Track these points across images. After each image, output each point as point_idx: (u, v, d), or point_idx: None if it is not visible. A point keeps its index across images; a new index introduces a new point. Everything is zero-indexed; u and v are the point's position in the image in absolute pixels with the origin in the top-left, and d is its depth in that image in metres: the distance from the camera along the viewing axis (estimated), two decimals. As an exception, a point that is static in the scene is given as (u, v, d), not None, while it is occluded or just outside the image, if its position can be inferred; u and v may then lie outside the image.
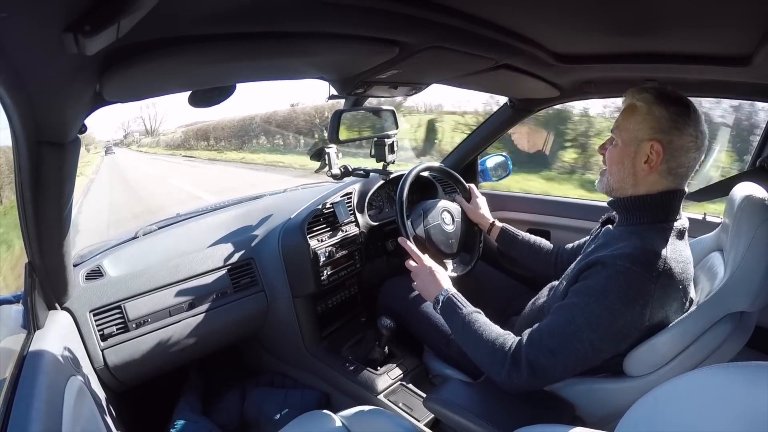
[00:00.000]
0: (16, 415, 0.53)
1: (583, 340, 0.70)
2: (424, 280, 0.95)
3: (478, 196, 1.31)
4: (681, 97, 0.75)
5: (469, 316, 0.84)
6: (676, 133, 0.72)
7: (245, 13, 0.52)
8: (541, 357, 0.72)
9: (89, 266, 1.04)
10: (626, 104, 0.78)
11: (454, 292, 0.90)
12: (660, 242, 0.72)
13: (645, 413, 0.45)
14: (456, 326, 0.86)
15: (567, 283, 0.80)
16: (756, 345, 0.84)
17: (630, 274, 0.69)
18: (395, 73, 0.89)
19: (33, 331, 0.75)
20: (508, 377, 0.74)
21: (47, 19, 0.37)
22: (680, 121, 0.72)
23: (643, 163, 0.75)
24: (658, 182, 0.76)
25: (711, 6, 0.62)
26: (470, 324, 0.83)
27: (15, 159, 0.58)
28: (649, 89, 0.76)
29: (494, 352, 0.77)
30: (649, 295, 0.68)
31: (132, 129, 41.26)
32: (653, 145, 0.73)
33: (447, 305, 0.89)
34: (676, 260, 0.71)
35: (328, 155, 1.26)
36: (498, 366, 0.76)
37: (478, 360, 0.81)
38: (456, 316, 0.86)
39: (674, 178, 0.75)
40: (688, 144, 0.73)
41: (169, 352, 1.06)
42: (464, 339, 0.83)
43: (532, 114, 1.53)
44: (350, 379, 1.17)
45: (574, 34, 0.84)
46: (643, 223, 0.76)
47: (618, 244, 0.74)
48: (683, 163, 0.74)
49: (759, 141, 1.09)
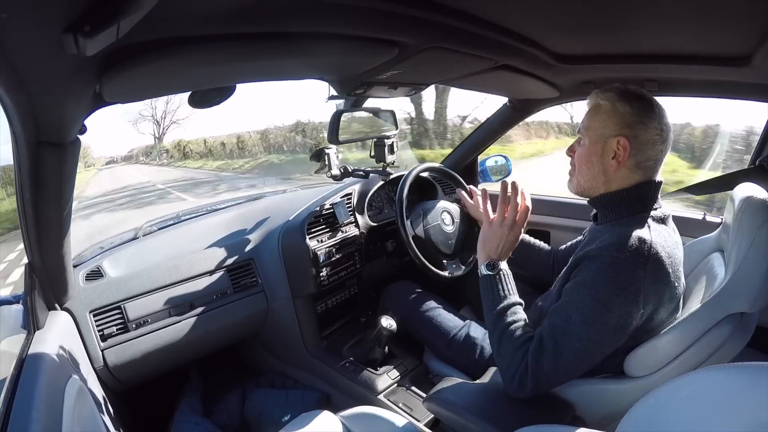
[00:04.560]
0: (16, 416, 0.53)
1: (581, 337, 0.70)
2: (490, 239, 0.90)
3: (479, 195, 1.30)
4: (643, 94, 0.77)
5: (510, 307, 0.81)
6: (641, 127, 0.74)
7: (245, 14, 0.52)
8: (545, 365, 0.72)
9: (89, 267, 1.04)
10: (591, 105, 0.80)
11: (508, 271, 0.86)
12: (643, 229, 0.72)
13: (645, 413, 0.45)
14: (491, 306, 0.83)
15: (559, 284, 0.80)
16: (756, 345, 0.84)
17: (617, 262, 0.69)
18: (395, 74, 0.89)
19: (33, 332, 0.75)
20: (518, 388, 0.74)
21: (47, 20, 0.37)
22: (644, 115, 0.74)
23: (611, 159, 0.76)
24: (628, 177, 0.77)
25: (710, 6, 0.62)
26: (506, 315, 0.80)
27: (15, 159, 0.58)
28: (612, 88, 0.78)
29: (513, 357, 0.75)
30: (639, 281, 0.68)
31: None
32: (620, 140, 0.75)
33: (495, 279, 0.85)
34: (662, 245, 0.71)
35: (327, 156, 1.26)
36: (512, 372, 0.75)
37: (495, 352, 0.80)
38: (497, 296, 0.83)
39: (644, 171, 0.76)
40: (654, 137, 0.74)
41: (169, 353, 1.06)
42: (494, 324, 0.81)
43: (532, 114, 1.54)
44: (350, 379, 1.17)
45: (574, 34, 0.84)
46: (623, 216, 0.77)
47: (603, 237, 0.75)
48: (650, 156, 0.75)
49: (759, 140, 1.09)
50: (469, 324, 1.12)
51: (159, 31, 0.50)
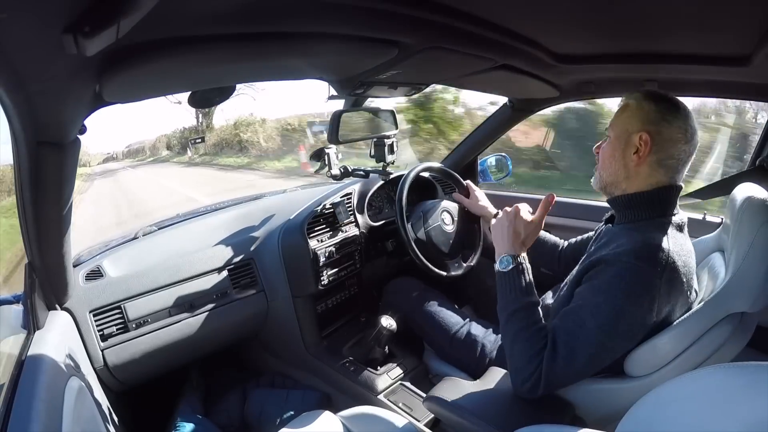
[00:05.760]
0: (16, 416, 0.53)
1: (595, 342, 0.70)
2: (502, 231, 0.88)
3: (476, 190, 1.30)
4: (671, 97, 0.77)
5: (527, 306, 0.78)
6: (665, 124, 0.74)
7: (245, 14, 0.52)
8: (557, 368, 0.72)
9: (89, 266, 1.04)
10: (620, 105, 0.81)
11: (527, 265, 0.83)
12: (661, 236, 0.72)
13: (645, 413, 0.45)
14: (507, 302, 0.80)
15: (571, 284, 0.80)
16: (756, 345, 0.84)
17: (635, 269, 0.69)
18: (395, 74, 0.89)
19: (33, 332, 0.75)
20: (529, 391, 0.74)
21: (47, 20, 0.37)
22: (669, 114, 0.74)
23: (632, 154, 0.76)
24: (649, 175, 0.76)
25: (710, 6, 0.62)
26: (521, 313, 0.78)
27: (15, 160, 0.58)
28: (640, 90, 0.79)
29: (529, 362, 0.74)
30: (656, 290, 0.68)
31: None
32: (641, 135, 0.75)
33: (512, 275, 0.82)
34: (678, 253, 0.71)
35: (327, 156, 1.26)
36: (525, 375, 0.74)
37: (507, 351, 0.79)
38: (513, 294, 0.80)
39: (665, 171, 0.76)
40: (677, 135, 0.74)
41: (169, 353, 1.06)
42: (508, 323, 0.79)
43: (532, 114, 1.54)
44: (350, 379, 1.17)
45: (574, 34, 0.84)
46: (642, 219, 0.77)
47: (620, 240, 0.75)
48: (672, 155, 0.75)
49: (759, 140, 1.09)
50: (471, 322, 1.12)
51: (159, 31, 0.50)
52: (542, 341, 0.75)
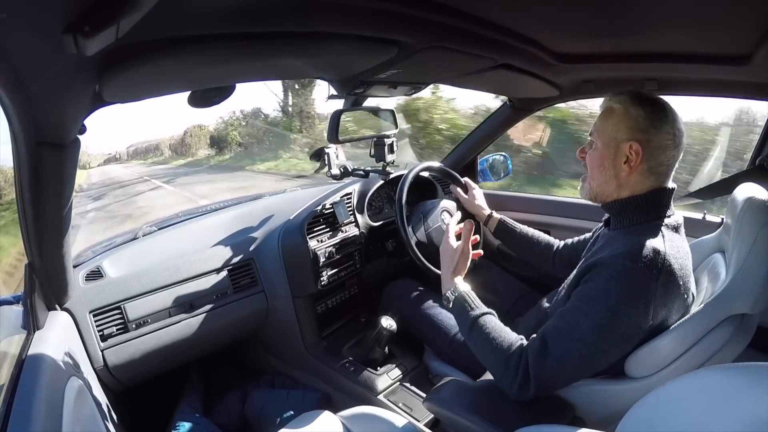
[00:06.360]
0: (16, 416, 0.53)
1: (589, 344, 0.70)
2: (445, 265, 0.91)
3: (474, 188, 1.30)
4: (657, 98, 0.76)
5: (480, 319, 0.80)
6: (654, 131, 0.73)
7: (244, 13, 0.52)
8: (548, 368, 0.71)
9: (89, 267, 1.04)
10: (603, 107, 0.80)
11: (465, 290, 0.86)
12: (657, 239, 0.72)
13: (645, 414, 0.45)
14: (463, 324, 0.83)
15: (568, 288, 0.79)
16: (757, 345, 0.84)
17: (631, 272, 0.68)
18: (394, 73, 0.89)
19: (33, 332, 0.75)
20: (519, 393, 0.74)
21: (47, 20, 0.37)
22: (657, 119, 0.74)
23: (623, 164, 0.76)
24: (641, 182, 0.76)
25: (710, 5, 0.62)
26: (480, 327, 0.79)
27: (15, 160, 0.58)
28: (625, 92, 0.77)
29: (506, 362, 0.74)
30: (651, 293, 0.68)
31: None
32: (632, 145, 0.74)
33: (456, 306, 0.85)
34: (675, 256, 0.71)
35: (327, 155, 1.26)
36: (509, 379, 0.74)
37: (486, 365, 0.80)
38: (464, 316, 0.82)
39: (656, 177, 0.76)
40: (666, 142, 0.74)
41: (169, 353, 1.06)
42: (473, 342, 0.81)
43: (532, 113, 1.53)
44: (350, 379, 1.17)
45: (573, 34, 0.84)
46: (637, 223, 0.77)
47: (615, 244, 0.74)
48: (663, 161, 0.75)
49: (759, 140, 1.09)
50: None
51: (159, 30, 0.50)
52: (509, 341, 0.76)
